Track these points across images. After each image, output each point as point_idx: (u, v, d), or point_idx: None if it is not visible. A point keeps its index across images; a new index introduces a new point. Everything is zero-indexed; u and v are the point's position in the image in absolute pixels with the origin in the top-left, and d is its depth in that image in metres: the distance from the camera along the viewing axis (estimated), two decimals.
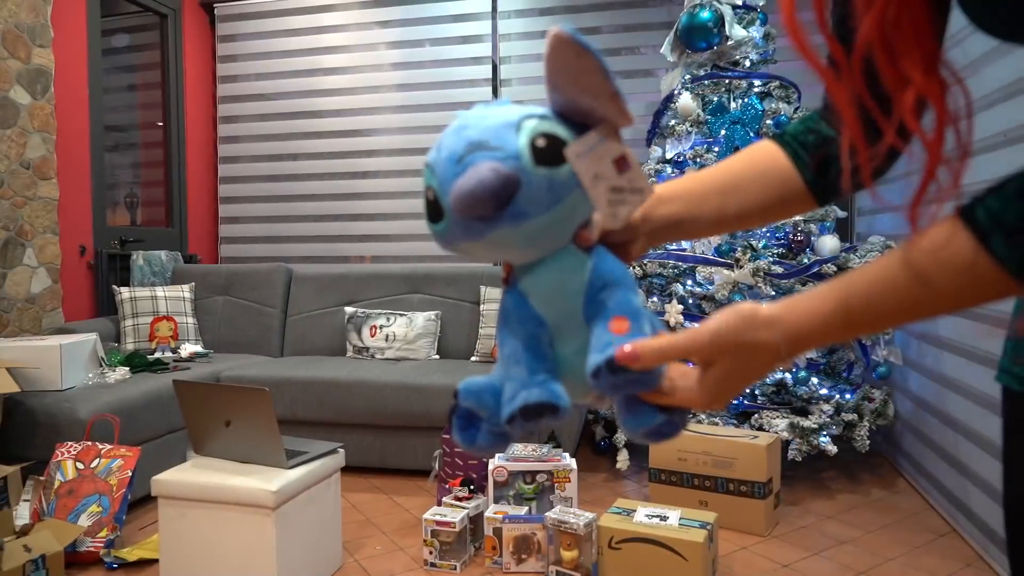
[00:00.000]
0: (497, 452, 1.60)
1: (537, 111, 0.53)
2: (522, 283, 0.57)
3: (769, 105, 3.02)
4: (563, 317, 0.56)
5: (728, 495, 2.49)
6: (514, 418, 0.53)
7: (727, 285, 2.77)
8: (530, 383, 0.54)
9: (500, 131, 0.51)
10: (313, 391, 3.05)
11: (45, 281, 3.31)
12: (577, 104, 0.52)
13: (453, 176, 0.51)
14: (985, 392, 2.20)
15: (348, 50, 4.31)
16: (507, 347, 0.57)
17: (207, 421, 2.01)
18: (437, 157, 0.53)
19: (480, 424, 0.59)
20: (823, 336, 0.51)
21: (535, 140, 0.51)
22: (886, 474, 3.07)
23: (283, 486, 1.89)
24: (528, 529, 2.17)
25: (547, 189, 0.51)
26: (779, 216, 0.70)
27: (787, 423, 2.69)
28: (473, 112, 0.54)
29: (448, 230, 0.53)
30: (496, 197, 0.49)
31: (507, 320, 0.58)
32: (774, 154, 0.69)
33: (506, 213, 0.50)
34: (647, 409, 0.54)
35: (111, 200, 3.93)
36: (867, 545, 2.36)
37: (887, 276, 0.50)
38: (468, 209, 0.50)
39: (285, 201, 4.43)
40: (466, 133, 0.52)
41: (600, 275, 0.55)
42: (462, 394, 0.59)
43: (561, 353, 0.56)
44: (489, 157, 0.50)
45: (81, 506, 2.28)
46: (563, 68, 0.49)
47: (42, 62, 3.30)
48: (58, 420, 2.54)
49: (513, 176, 0.50)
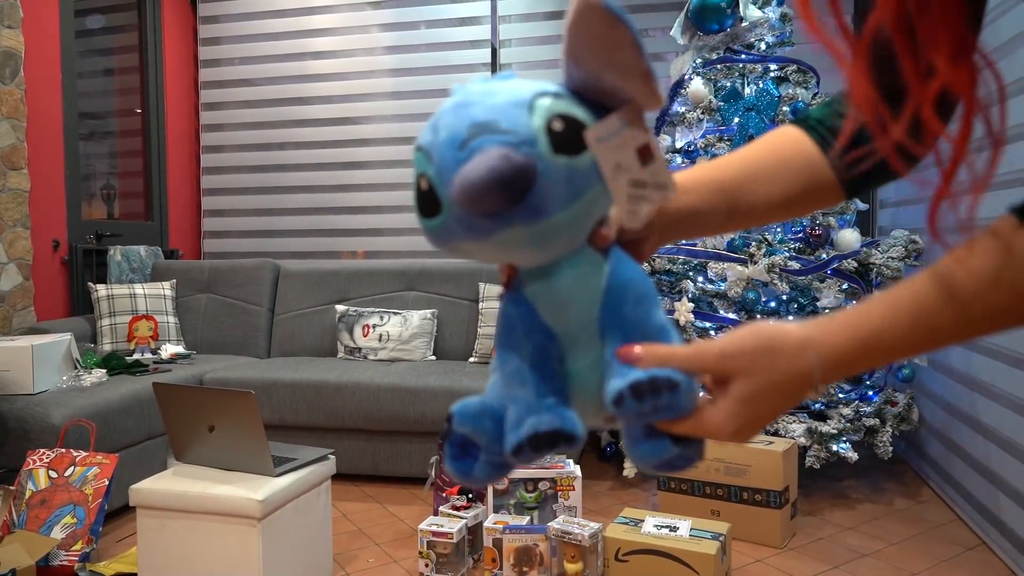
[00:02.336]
0: (495, 484, 1.54)
1: (550, 87, 0.49)
2: (528, 289, 0.52)
3: (786, 91, 3.01)
4: (576, 328, 0.52)
5: (742, 504, 2.49)
6: (521, 448, 0.50)
7: (740, 282, 2.76)
8: (539, 408, 0.50)
9: (510, 110, 0.46)
10: (302, 394, 3.04)
11: (16, 278, 3.30)
12: (600, 81, 0.48)
13: (455, 163, 0.46)
14: (1018, 395, 2.19)
15: (338, 32, 4.30)
16: (510, 364, 0.53)
17: (189, 426, 2.00)
18: (434, 140, 0.48)
19: (477, 453, 0.54)
20: (865, 360, 0.48)
21: (551, 122, 0.46)
22: (910, 483, 3.07)
23: (270, 495, 1.88)
24: (530, 540, 2.16)
25: (566, 181, 0.46)
26: (804, 209, 0.67)
27: (804, 428, 2.68)
28: (476, 87, 0.49)
29: (445, 227, 0.48)
30: (509, 190, 0.44)
31: (510, 332, 0.53)
32: (799, 141, 0.65)
33: (519, 209, 0.45)
34: (661, 439, 0.51)
35: (86, 192, 3.92)
36: (890, 558, 2.35)
37: (941, 289, 0.46)
38: (475, 203, 0.45)
39: (272, 193, 4.42)
40: (470, 112, 0.47)
41: (621, 283, 0.51)
42: (457, 418, 0.54)
43: (572, 369, 0.53)
44: (499, 142, 0.45)
45: (54, 517, 2.27)
46: (589, 39, 0.45)
47: (11, 44, 3.29)
48: (30, 426, 2.53)
49: (529, 165, 0.45)
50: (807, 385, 0.48)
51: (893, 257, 2.82)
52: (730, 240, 2.89)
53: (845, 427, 2.69)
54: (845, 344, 0.47)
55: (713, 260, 2.87)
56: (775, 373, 0.48)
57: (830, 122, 0.65)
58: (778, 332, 0.48)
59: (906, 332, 0.46)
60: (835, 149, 0.65)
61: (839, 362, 0.47)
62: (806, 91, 3.03)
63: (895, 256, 2.82)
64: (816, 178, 0.64)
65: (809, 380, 0.48)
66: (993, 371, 2.37)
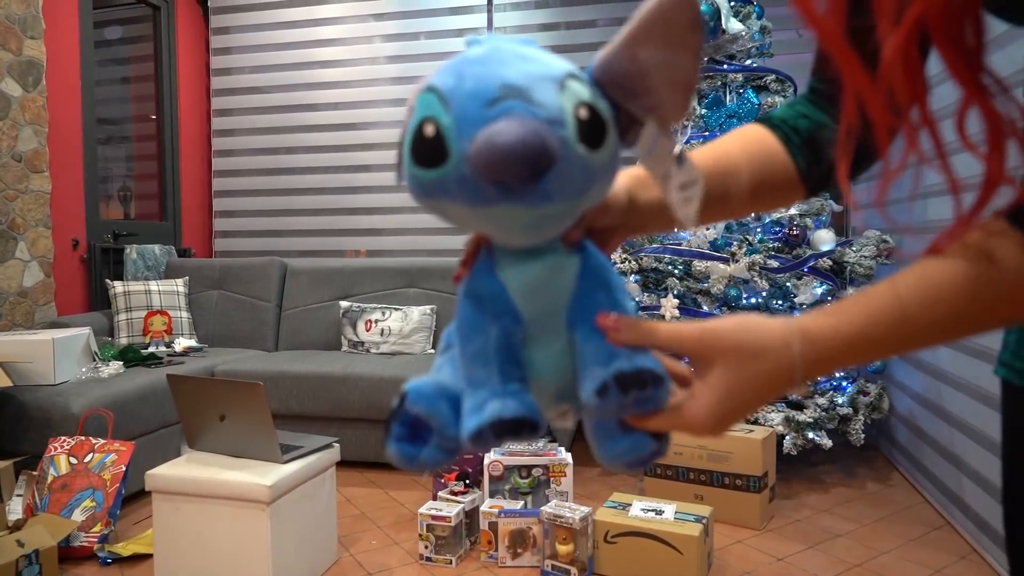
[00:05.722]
0: (437, 471, 1.41)
1: (576, 69, 0.44)
2: (503, 270, 0.47)
3: (765, 99, 3.02)
4: (543, 315, 0.47)
5: (723, 489, 2.50)
6: (482, 433, 0.44)
7: (722, 279, 2.77)
8: (503, 392, 0.45)
9: (544, 83, 0.41)
10: (308, 385, 3.04)
11: (38, 275, 3.29)
12: (641, 80, 0.43)
13: (481, 120, 0.40)
14: (981, 386, 2.21)
15: (344, 43, 4.29)
16: (473, 344, 0.47)
17: (201, 415, 2.00)
18: (457, 87, 0.41)
19: (428, 436, 0.48)
20: (848, 357, 0.45)
21: (578, 109, 0.42)
22: (881, 468, 3.09)
23: (278, 481, 1.89)
24: (524, 523, 2.17)
25: (581, 172, 0.42)
26: (767, 205, 0.65)
27: (782, 417, 2.70)
28: (506, 45, 0.43)
29: (443, 182, 0.41)
30: (534, 166, 0.39)
31: (478, 311, 0.47)
32: (765, 138, 0.64)
33: (531, 188, 0.40)
34: (640, 434, 0.47)
35: (104, 193, 3.91)
36: (861, 538, 2.37)
37: (927, 287, 0.43)
38: (495, 168, 0.39)
39: (280, 195, 4.41)
40: (502, 71, 0.41)
41: (593, 273, 0.48)
42: (412, 396, 0.48)
43: (534, 357, 0.48)
44: (531, 113, 0.40)
45: (75, 501, 2.27)
46: (664, 33, 0.41)
47: (34, 54, 3.28)
48: (51, 415, 2.53)
49: (556, 147, 0.40)
50: (789, 380, 0.45)
51: (866, 256, 2.83)
52: (713, 240, 2.90)
53: (820, 416, 2.71)
54: (828, 341, 0.45)
55: (697, 259, 2.87)
56: (757, 366, 0.45)
57: (793, 122, 0.64)
58: (762, 324, 0.46)
59: (888, 331, 0.44)
60: (803, 151, 0.63)
61: (821, 358, 0.45)
62: (784, 99, 3.03)
63: (868, 255, 2.84)
64: (780, 174, 0.63)
65: (791, 375, 0.45)
66: (958, 363, 2.38)
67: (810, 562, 2.20)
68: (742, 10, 3.03)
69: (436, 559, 2.18)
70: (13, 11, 3.17)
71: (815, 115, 0.64)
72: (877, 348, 0.45)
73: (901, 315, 0.43)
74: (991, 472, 2.14)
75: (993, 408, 2.11)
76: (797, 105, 0.66)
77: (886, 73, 0.43)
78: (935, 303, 0.43)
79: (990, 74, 0.43)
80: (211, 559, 1.92)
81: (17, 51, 3.19)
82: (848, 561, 2.20)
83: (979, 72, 0.43)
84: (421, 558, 2.20)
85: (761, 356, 0.45)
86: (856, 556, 2.24)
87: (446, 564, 2.17)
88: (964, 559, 2.21)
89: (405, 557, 2.24)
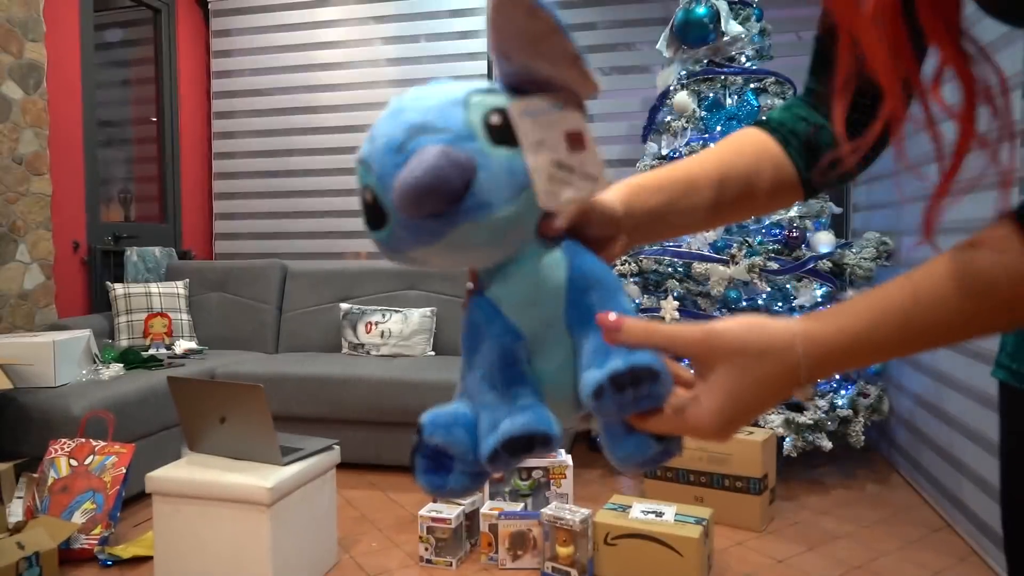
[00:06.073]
0: (471, 496, 1.46)
1: (483, 85, 0.45)
2: (491, 290, 0.48)
3: (765, 101, 3.01)
4: (541, 326, 0.47)
5: (723, 491, 2.49)
6: (497, 454, 0.45)
7: (722, 281, 2.76)
8: (513, 410, 0.46)
9: (445, 110, 0.43)
10: (308, 387, 3.03)
11: (38, 277, 3.28)
12: (533, 73, 0.44)
13: (394, 168, 0.42)
14: (980, 388, 2.20)
15: (344, 45, 4.28)
16: (479, 369, 0.48)
17: (202, 418, 1.99)
18: (372, 149, 0.44)
19: (451, 464, 0.49)
20: (852, 359, 0.44)
21: (488, 117, 0.43)
22: (880, 469, 3.08)
23: (278, 483, 1.88)
24: (524, 525, 2.16)
25: (508, 173, 0.43)
26: (766, 208, 0.65)
27: (782, 419, 2.69)
28: (409, 94, 0.46)
29: (394, 236, 0.44)
30: (450, 186, 0.40)
31: (476, 337, 0.49)
32: (763, 141, 0.64)
33: (464, 206, 0.41)
34: (644, 435, 0.47)
35: (105, 196, 3.89)
36: (861, 540, 2.36)
37: (932, 288, 0.43)
38: (416, 205, 0.41)
39: (280, 197, 4.40)
40: (404, 117, 0.43)
41: (582, 274, 0.48)
42: (428, 428, 0.49)
43: (542, 370, 0.48)
44: (436, 141, 0.42)
45: (75, 503, 2.26)
46: (512, 31, 0.42)
47: (34, 56, 3.27)
48: (52, 417, 2.51)
49: (468, 159, 0.41)
50: (793, 382, 0.44)
51: (865, 258, 2.83)
52: (713, 242, 2.89)
53: (820, 418, 2.70)
54: (832, 343, 0.44)
55: (697, 261, 2.86)
56: (761, 369, 0.44)
57: (791, 124, 0.64)
58: (765, 326, 0.45)
59: (892, 334, 0.43)
60: (801, 153, 0.63)
61: (825, 360, 0.44)
62: (783, 101, 3.03)
63: (867, 257, 2.83)
64: (780, 177, 0.63)
65: (796, 377, 0.44)
66: (957, 365, 2.37)
67: (810, 564, 2.19)
68: (742, 12, 3.03)
69: (436, 561, 2.17)
70: (14, 14, 3.16)
71: (812, 117, 0.64)
72: (882, 349, 0.44)
73: (905, 316, 0.43)
74: (991, 474, 2.13)
75: (993, 410, 2.10)
76: (794, 107, 0.66)
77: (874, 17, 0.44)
78: (940, 304, 0.42)
79: (971, 40, 0.44)
80: (211, 561, 1.91)
81: (18, 54, 3.18)
82: (848, 563, 2.19)
83: (957, 34, 0.44)
84: (421, 560, 2.19)
85: (765, 358, 0.44)
86: (856, 558, 2.23)
87: (446, 566, 2.16)
88: (964, 561, 2.20)
89: (405, 559, 2.23)
